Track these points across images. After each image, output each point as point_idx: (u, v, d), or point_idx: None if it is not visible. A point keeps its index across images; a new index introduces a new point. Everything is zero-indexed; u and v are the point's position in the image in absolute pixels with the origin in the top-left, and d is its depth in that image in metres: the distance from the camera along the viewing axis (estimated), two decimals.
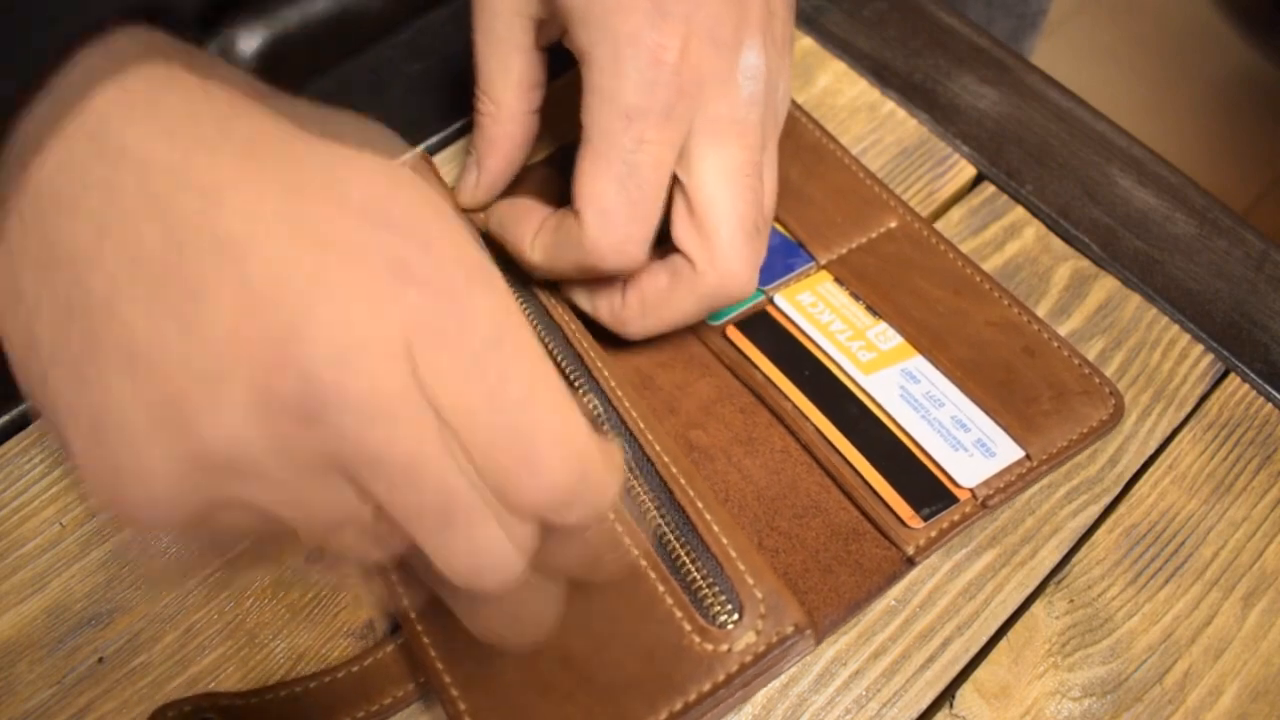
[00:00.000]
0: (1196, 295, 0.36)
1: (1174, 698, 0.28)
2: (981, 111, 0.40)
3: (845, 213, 0.35)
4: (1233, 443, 0.33)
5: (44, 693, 0.27)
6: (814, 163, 0.36)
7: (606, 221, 0.27)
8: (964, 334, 0.32)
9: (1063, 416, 0.30)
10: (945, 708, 0.28)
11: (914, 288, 0.33)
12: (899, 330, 0.32)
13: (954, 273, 0.34)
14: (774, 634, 0.25)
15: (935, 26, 0.43)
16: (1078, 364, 0.31)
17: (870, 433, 0.30)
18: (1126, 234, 0.37)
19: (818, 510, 0.29)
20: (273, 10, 0.50)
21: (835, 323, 0.32)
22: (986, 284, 0.33)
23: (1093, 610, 0.29)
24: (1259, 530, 0.31)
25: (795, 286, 0.33)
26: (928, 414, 0.30)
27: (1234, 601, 0.30)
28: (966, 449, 0.30)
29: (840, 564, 0.28)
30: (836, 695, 0.28)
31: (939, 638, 0.29)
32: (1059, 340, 0.32)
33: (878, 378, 0.31)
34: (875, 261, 0.34)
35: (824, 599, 0.27)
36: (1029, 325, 0.32)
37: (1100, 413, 0.31)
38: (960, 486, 0.29)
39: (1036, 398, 0.31)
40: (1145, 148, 0.40)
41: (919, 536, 0.28)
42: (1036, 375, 0.31)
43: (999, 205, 0.37)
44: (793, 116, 0.38)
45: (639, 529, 0.27)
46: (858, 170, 0.36)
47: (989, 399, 0.30)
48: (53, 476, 0.30)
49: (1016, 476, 0.29)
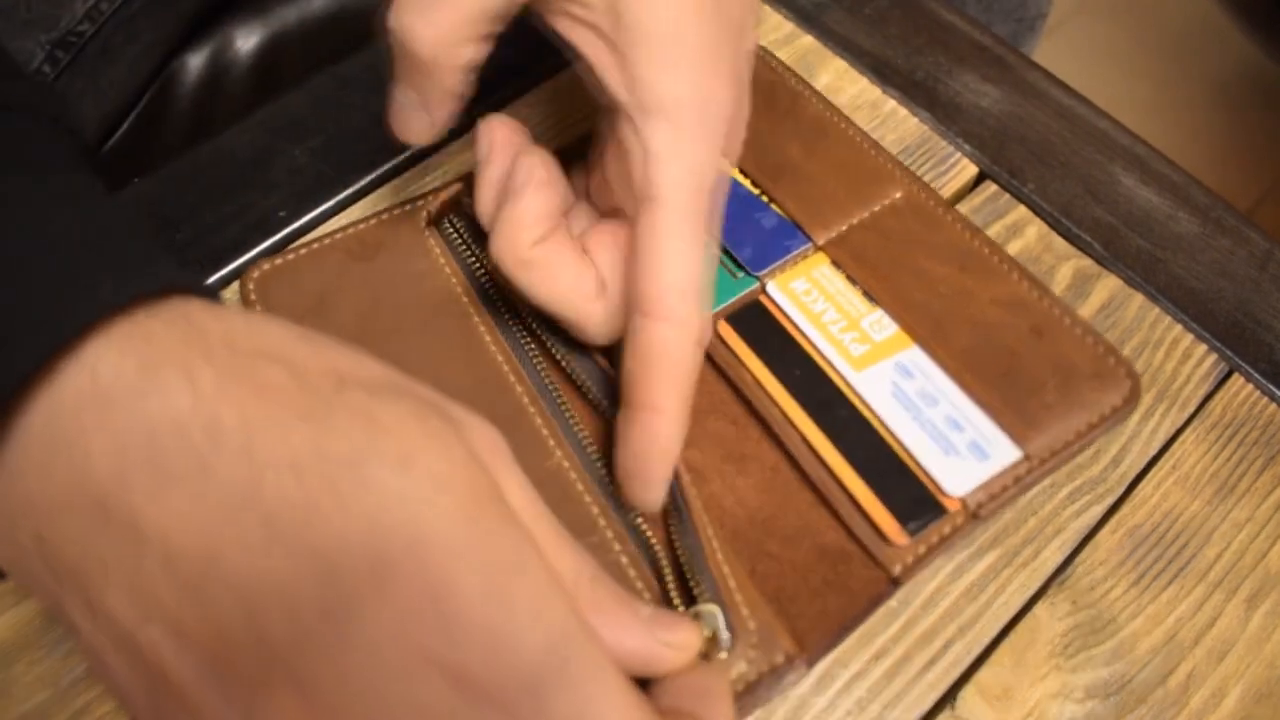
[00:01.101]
0: (1200, 295, 0.35)
1: (1177, 700, 0.28)
2: (983, 110, 0.40)
3: (847, 187, 0.34)
4: (1236, 443, 0.32)
5: (42, 694, 0.27)
6: (815, 138, 0.35)
7: (696, 297, 0.26)
8: (966, 316, 0.31)
9: (1069, 407, 0.29)
10: (947, 709, 0.28)
11: (916, 267, 0.32)
12: (895, 318, 0.31)
13: (961, 246, 0.32)
14: (765, 664, 0.25)
15: (936, 24, 0.43)
16: (1091, 342, 0.30)
17: (858, 439, 0.29)
18: (1129, 233, 0.37)
19: (807, 531, 0.28)
20: (271, 9, 0.50)
21: (829, 311, 0.31)
22: (996, 257, 0.32)
23: (1096, 611, 0.29)
24: (1263, 531, 0.31)
25: (790, 272, 0.32)
26: (919, 414, 0.29)
27: (1237, 603, 0.29)
28: (959, 452, 0.28)
29: (829, 587, 0.27)
30: (838, 697, 0.28)
31: (941, 639, 0.28)
32: (1072, 317, 0.30)
33: (870, 374, 0.30)
34: (876, 239, 0.32)
35: (813, 624, 0.27)
36: (1039, 301, 0.31)
37: (1113, 397, 0.29)
38: (950, 495, 0.28)
39: (1040, 388, 0.29)
40: (1148, 146, 0.39)
41: (905, 555, 0.27)
42: (1042, 360, 0.30)
43: (1001, 204, 0.37)
44: (794, 90, 0.37)
45: (645, 565, 0.27)
46: (861, 141, 0.35)
47: (988, 393, 0.29)
48: None
49: (1012, 480, 0.28)
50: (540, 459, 0.29)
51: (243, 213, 0.36)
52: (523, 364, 0.31)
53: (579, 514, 0.28)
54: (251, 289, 0.32)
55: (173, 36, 0.47)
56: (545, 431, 0.29)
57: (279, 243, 0.36)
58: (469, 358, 0.31)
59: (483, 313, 0.32)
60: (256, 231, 0.36)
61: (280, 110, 0.39)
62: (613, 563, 0.27)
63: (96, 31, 0.42)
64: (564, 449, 0.29)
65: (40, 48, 0.41)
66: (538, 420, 0.29)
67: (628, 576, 0.27)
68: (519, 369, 0.30)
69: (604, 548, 0.27)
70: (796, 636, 0.26)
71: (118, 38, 0.43)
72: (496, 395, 0.30)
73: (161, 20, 0.45)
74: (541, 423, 0.29)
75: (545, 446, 0.29)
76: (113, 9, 0.43)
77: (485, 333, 0.31)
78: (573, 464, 0.29)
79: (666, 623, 0.23)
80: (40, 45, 0.41)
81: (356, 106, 0.39)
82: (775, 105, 0.37)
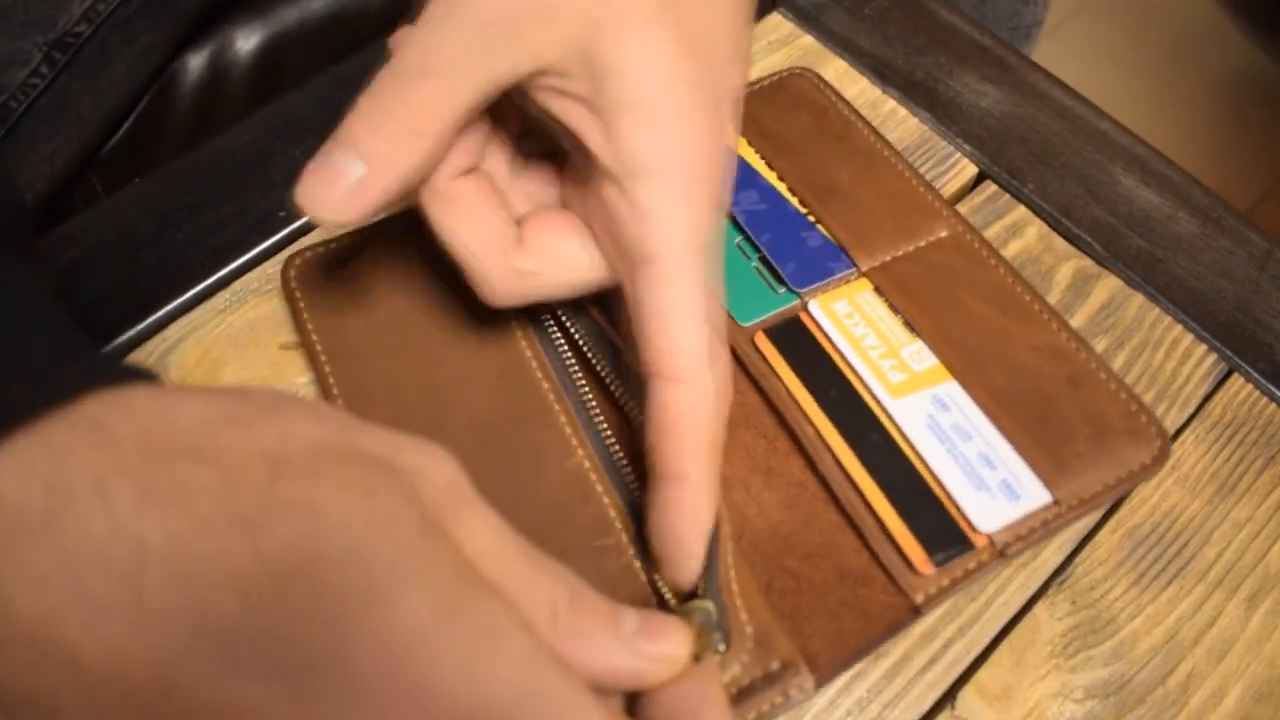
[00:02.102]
0: (1200, 295, 0.35)
1: (1177, 699, 0.28)
2: (983, 110, 0.40)
3: (894, 218, 0.34)
4: (1236, 443, 0.32)
5: None
6: (865, 167, 0.35)
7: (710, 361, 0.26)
8: (1005, 358, 0.31)
9: (1099, 457, 0.29)
10: (947, 709, 0.28)
11: (958, 303, 0.32)
12: (935, 351, 0.31)
13: (1003, 290, 0.32)
14: (759, 669, 0.25)
15: (936, 25, 0.43)
16: (1125, 399, 0.30)
17: (891, 465, 0.29)
18: (1129, 233, 0.37)
19: (829, 550, 0.28)
20: (271, 9, 0.50)
21: (869, 337, 0.31)
22: (1036, 305, 0.32)
23: (1095, 611, 0.29)
24: (1262, 531, 0.31)
25: (832, 293, 0.32)
26: (954, 447, 0.29)
27: (1237, 603, 0.29)
28: (990, 489, 0.28)
29: (847, 609, 0.27)
30: (838, 697, 0.28)
31: (940, 639, 0.28)
32: (1108, 372, 0.30)
33: (906, 402, 0.30)
34: (920, 271, 0.32)
35: (828, 644, 0.27)
36: (1077, 353, 0.31)
37: (1142, 456, 0.29)
38: (978, 531, 0.28)
39: (1073, 436, 0.29)
40: (1148, 146, 0.39)
41: (929, 585, 0.27)
42: (1077, 410, 0.30)
43: (1001, 204, 0.37)
44: (846, 119, 0.37)
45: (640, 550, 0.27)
46: (911, 176, 0.35)
47: (1021, 435, 0.29)
48: None
49: (1040, 523, 0.28)
50: (561, 458, 0.29)
51: (243, 213, 0.36)
52: (549, 358, 0.31)
53: (596, 514, 0.28)
54: (293, 277, 0.33)
55: (172, 37, 0.47)
56: (569, 430, 0.29)
57: (279, 242, 0.36)
58: (499, 352, 0.31)
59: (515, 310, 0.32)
60: (256, 231, 0.36)
61: (280, 111, 0.39)
62: (625, 566, 0.27)
63: (94, 32, 0.42)
64: (586, 448, 0.29)
65: (38, 49, 0.41)
66: (561, 418, 0.30)
67: (639, 581, 0.27)
68: (545, 363, 0.31)
69: (618, 551, 0.27)
70: (809, 656, 0.26)
71: (115, 38, 0.43)
72: (523, 390, 0.30)
73: (160, 21, 0.45)
74: (565, 420, 0.29)
75: (568, 445, 0.29)
76: (110, 10, 0.43)
77: (516, 326, 0.31)
78: (593, 464, 0.29)
79: (651, 633, 0.22)
80: (38, 46, 0.41)
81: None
82: (827, 130, 0.37)
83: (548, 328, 0.31)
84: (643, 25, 0.25)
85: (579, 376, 0.30)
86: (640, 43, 0.25)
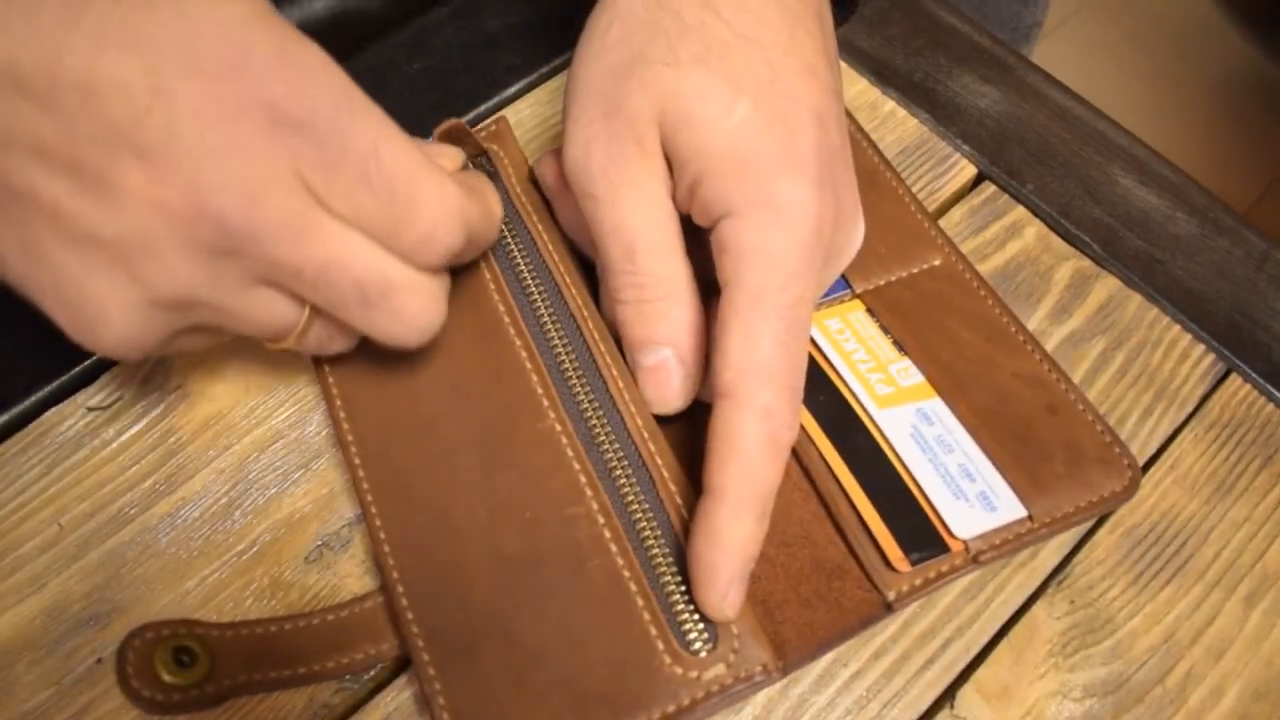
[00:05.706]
0: (1198, 295, 0.36)
1: (1175, 698, 0.28)
2: (982, 111, 0.40)
3: (890, 245, 0.34)
4: (1234, 443, 0.32)
5: (42, 694, 0.27)
6: (866, 189, 0.34)
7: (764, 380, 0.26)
8: (988, 382, 0.31)
9: (1074, 481, 0.29)
10: (946, 708, 0.28)
11: (946, 328, 0.32)
12: (922, 369, 0.31)
13: (990, 319, 0.33)
14: (741, 670, 0.25)
15: (936, 25, 0.43)
16: (1100, 430, 0.30)
17: (874, 467, 0.29)
18: (1127, 233, 0.37)
19: (807, 541, 0.28)
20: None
21: (859, 352, 0.32)
22: (1021, 336, 0.32)
23: (1094, 611, 0.29)
24: (1260, 531, 0.31)
25: (826, 312, 0.33)
26: (935, 457, 0.29)
27: (1236, 602, 0.30)
28: (968, 499, 0.29)
29: (820, 599, 0.27)
30: (837, 696, 0.28)
31: (939, 638, 0.29)
32: (1085, 404, 0.31)
33: (892, 413, 0.30)
34: (911, 296, 0.33)
35: (797, 633, 0.27)
36: (1057, 384, 0.31)
37: (1114, 484, 0.29)
38: (955, 536, 0.28)
39: (1050, 458, 0.30)
40: (1146, 147, 0.39)
41: (902, 583, 0.27)
42: (1054, 435, 0.30)
43: (1000, 205, 0.37)
44: (853, 139, 0.37)
45: (628, 541, 0.27)
46: (910, 203, 0.36)
47: (1001, 452, 0.29)
48: (51, 477, 0.30)
49: (1014, 535, 0.28)
50: (532, 420, 0.29)
51: None
52: (525, 317, 0.31)
53: (567, 482, 0.27)
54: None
55: None
56: (540, 391, 0.29)
57: None
58: (474, 306, 0.31)
59: (489, 260, 0.32)
60: None
61: None
62: (595, 536, 0.27)
63: None
64: (558, 411, 0.29)
65: None
66: (534, 378, 0.29)
67: (609, 552, 0.26)
68: (520, 323, 0.30)
69: (588, 520, 0.27)
70: (777, 644, 0.26)
71: None
72: (497, 348, 0.30)
73: None
74: (537, 380, 0.29)
75: (539, 407, 0.29)
76: None
77: (490, 281, 0.31)
78: (565, 428, 0.28)
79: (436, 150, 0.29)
80: None
81: None
82: None
83: (524, 286, 0.31)
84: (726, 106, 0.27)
85: (553, 337, 0.30)
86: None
